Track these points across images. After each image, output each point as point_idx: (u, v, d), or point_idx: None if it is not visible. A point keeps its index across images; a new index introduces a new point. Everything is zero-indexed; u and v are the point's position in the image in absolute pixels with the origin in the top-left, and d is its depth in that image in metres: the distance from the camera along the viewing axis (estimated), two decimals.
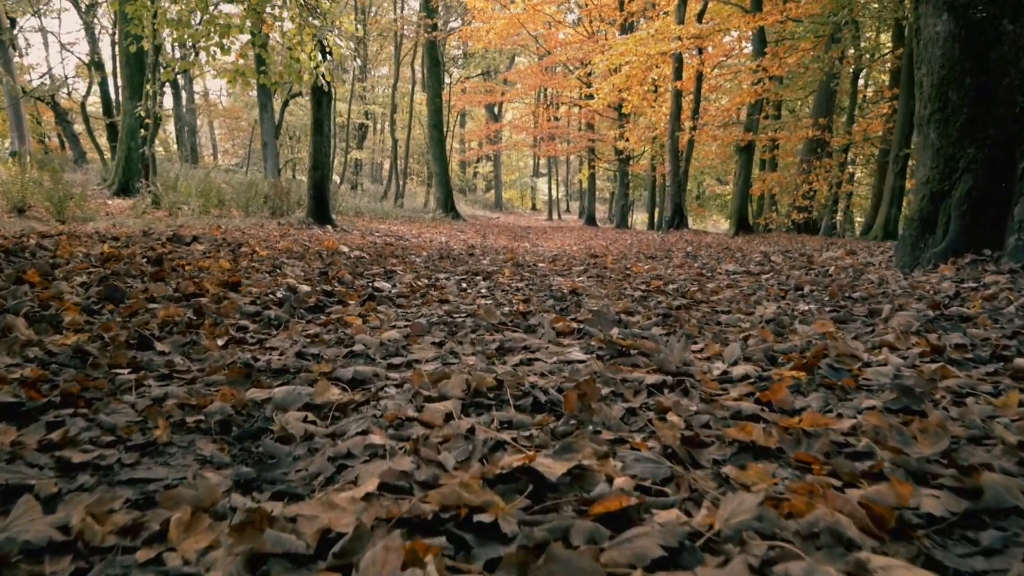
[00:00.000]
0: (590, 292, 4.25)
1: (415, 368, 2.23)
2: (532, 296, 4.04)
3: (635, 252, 10.62)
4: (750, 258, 6.86)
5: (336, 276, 4.46)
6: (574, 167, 43.65)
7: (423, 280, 4.65)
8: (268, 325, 2.92)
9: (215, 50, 9.12)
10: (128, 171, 16.70)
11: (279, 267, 4.82)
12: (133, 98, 16.54)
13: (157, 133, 15.64)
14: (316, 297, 3.53)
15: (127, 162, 16.85)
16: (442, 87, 24.31)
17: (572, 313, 3.36)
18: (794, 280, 4.83)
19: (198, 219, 12.02)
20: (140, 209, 13.31)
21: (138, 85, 16.25)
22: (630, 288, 4.60)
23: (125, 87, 17.67)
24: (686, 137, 16.08)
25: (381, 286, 4.18)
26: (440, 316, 3.26)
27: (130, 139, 16.99)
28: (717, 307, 3.75)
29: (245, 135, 38.47)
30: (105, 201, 15.42)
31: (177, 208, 14.03)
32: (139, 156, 16.32)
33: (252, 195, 14.76)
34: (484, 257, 8.27)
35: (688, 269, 6.10)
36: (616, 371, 2.13)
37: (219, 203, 14.92)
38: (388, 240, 9.60)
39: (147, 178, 15.41)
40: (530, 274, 5.53)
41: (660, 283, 4.86)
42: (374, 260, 6.15)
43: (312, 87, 11.19)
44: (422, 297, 3.92)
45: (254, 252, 5.77)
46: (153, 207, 13.88)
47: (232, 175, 20.93)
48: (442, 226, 17.07)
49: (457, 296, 4.00)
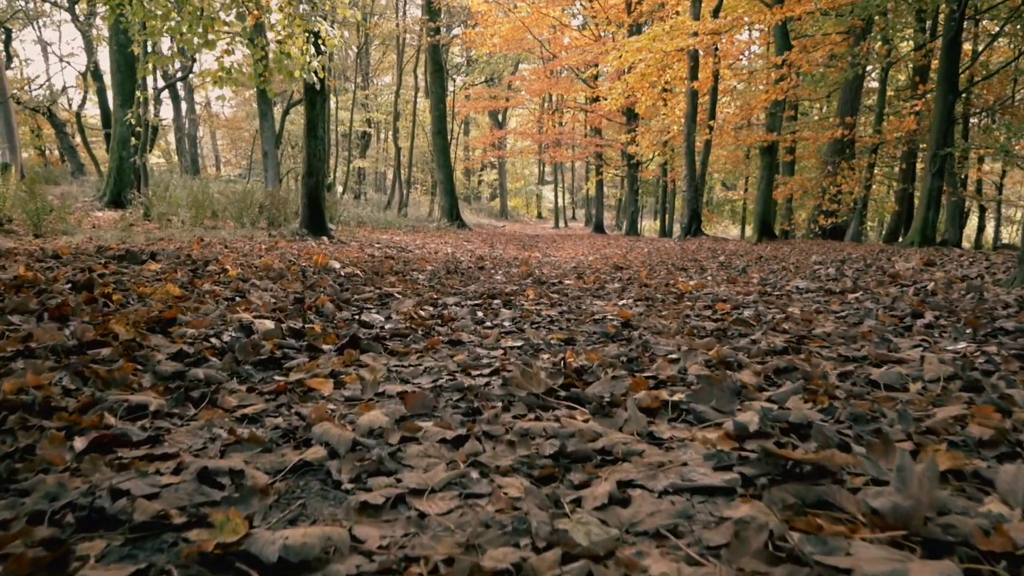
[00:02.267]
0: (648, 324, 3.15)
1: (408, 511, 1.15)
2: (575, 332, 2.94)
3: (659, 262, 9.53)
4: (814, 272, 5.74)
5: (314, 305, 3.37)
6: (580, 174, 42.65)
7: (427, 308, 3.55)
8: (183, 399, 1.83)
9: (198, 42, 8.09)
10: (120, 182, 15.75)
11: (244, 293, 3.73)
12: (124, 106, 15.60)
13: (149, 142, 14.61)
14: (274, 342, 2.44)
15: (119, 172, 15.90)
16: (445, 93, 23.29)
17: (644, 365, 2.26)
18: (902, 303, 3.71)
19: (188, 231, 10.99)
20: (128, 221, 12.31)
21: (130, 92, 15.31)
22: (694, 315, 3.50)
23: (116, 95, 16.72)
24: (703, 139, 14.99)
25: (371, 320, 3.08)
26: (451, 374, 2.17)
27: (121, 148, 16.04)
28: (834, 347, 2.65)
29: (247, 145, 37.49)
30: (94, 213, 14.47)
31: (167, 220, 13.02)
32: (131, 166, 15.36)
33: (247, 205, 13.72)
34: (496, 271, 7.19)
35: (746, 286, 5.00)
36: (794, 521, 1.04)
37: (213, 214, 13.90)
38: (389, 253, 8.53)
39: (140, 189, 14.45)
40: (558, 295, 4.43)
41: (727, 307, 3.76)
42: (369, 279, 5.06)
43: (305, 86, 10.15)
44: (425, 336, 2.82)
45: (223, 271, 4.70)
46: (145, 219, 12.91)
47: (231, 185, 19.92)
48: (447, 236, 15.99)
49: (473, 333, 2.91)
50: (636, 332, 2.97)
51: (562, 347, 2.63)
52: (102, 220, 13.02)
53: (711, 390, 1.74)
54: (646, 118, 22.56)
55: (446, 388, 1.99)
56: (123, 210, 14.31)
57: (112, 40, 15.45)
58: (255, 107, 29.66)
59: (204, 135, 42.11)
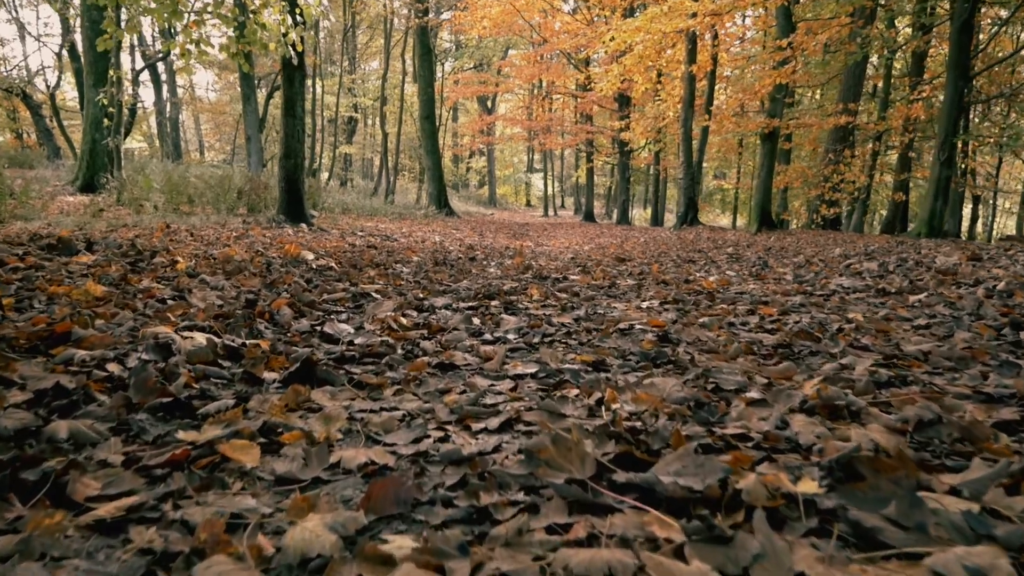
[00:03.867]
0: (690, 337, 2.45)
1: None
2: (602, 351, 2.23)
3: (660, 253, 8.84)
4: (849, 267, 5.05)
5: (268, 310, 2.64)
6: (569, 163, 41.88)
7: (410, 314, 2.83)
8: (7, 487, 1.11)
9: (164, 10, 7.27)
10: (93, 165, 14.85)
11: (186, 292, 2.99)
12: (97, 85, 14.68)
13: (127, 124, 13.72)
14: (189, 376, 1.72)
15: (92, 156, 14.99)
16: (434, 76, 22.38)
17: (718, 411, 1.56)
18: (987, 309, 3.03)
19: (159, 217, 10.16)
20: (98, 206, 11.46)
21: (103, 72, 14.40)
22: (739, 323, 2.81)
23: (88, 74, 15.80)
24: (700, 125, 14.27)
25: (337, 331, 2.35)
26: (442, 427, 1.45)
27: (94, 130, 15.13)
28: (946, 373, 1.98)
29: (232, 130, 36.29)
30: (64, 198, 13.59)
31: (139, 205, 12.17)
32: (104, 149, 14.45)
33: (224, 190, 12.87)
34: (489, 263, 6.47)
35: (779, 283, 4.31)
36: None
37: (189, 200, 13.06)
38: (371, 242, 7.77)
39: (113, 173, 13.58)
40: (567, 295, 3.72)
41: (773, 311, 3.07)
42: (344, 273, 4.33)
43: (283, 61, 9.31)
44: (407, 357, 2.10)
45: (173, 263, 3.95)
46: (118, 204, 12.09)
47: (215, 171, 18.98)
48: (435, 223, 15.22)
49: (469, 352, 2.19)
50: (679, 349, 2.27)
51: (593, 375, 1.92)
52: (72, 205, 12.18)
53: (876, 484, 1.03)
54: (639, 104, 21.80)
55: (434, 459, 1.27)
56: (96, 195, 13.48)
57: (84, 16, 14.51)
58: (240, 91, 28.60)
59: (188, 120, 40.82)
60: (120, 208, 11.96)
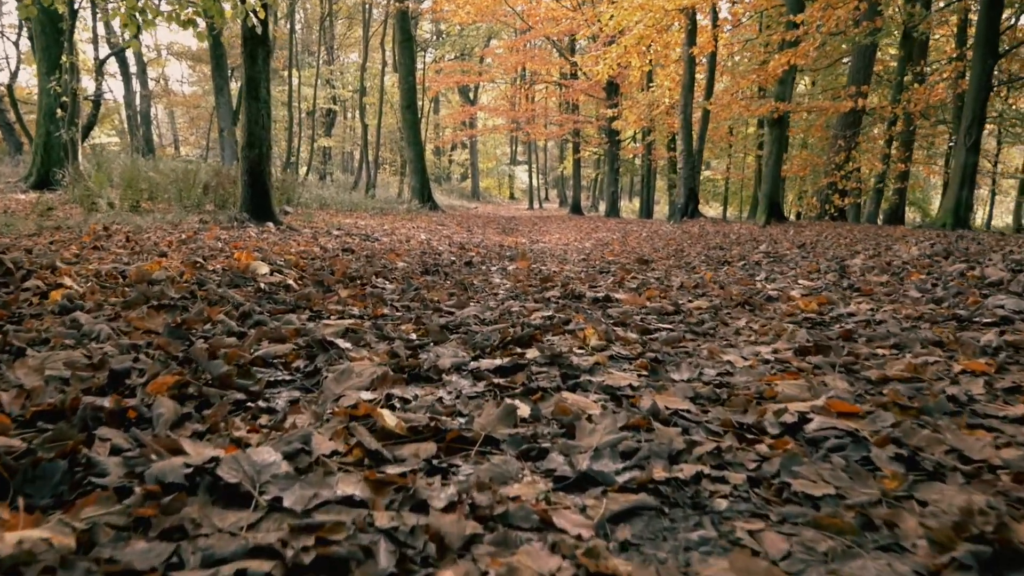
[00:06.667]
0: (938, 453, 1.23)
1: None
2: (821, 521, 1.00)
3: (676, 251, 7.65)
4: (971, 277, 3.85)
5: (136, 404, 1.37)
6: (552, 154, 40.59)
7: (399, 395, 1.57)
8: None
9: None
10: (48, 160, 13.34)
11: (19, 353, 1.70)
12: (50, 73, 13.16)
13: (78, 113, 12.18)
14: None
15: (46, 149, 13.48)
16: (415, 65, 20.90)
17: None
18: None
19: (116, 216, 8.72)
20: (46, 205, 9.98)
21: (56, 58, 12.84)
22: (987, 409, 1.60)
23: (41, 60, 14.25)
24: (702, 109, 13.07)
25: (250, 473, 1.10)
26: None
27: (48, 122, 13.60)
28: None
29: (207, 124, 34.45)
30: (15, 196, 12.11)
31: (92, 203, 10.70)
32: (59, 142, 12.93)
33: (189, 185, 11.46)
34: (490, 268, 5.22)
35: (903, 304, 3.10)
36: None
37: (149, 196, 11.63)
38: (348, 243, 6.46)
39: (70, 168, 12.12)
40: (630, 330, 2.47)
41: (984, 366, 1.87)
42: (303, 297, 3.05)
43: (244, 35, 7.94)
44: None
45: (53, 287, 2.65)
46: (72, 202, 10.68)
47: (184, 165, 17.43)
48: (419, 219, 13.89)
49: (537, 526, 0.95)
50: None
51: None
52: (20, 204, 10.71)
53: None
54: (626, 92, 20.53)
55: None
56: (51, 192, 12.05)
57: None
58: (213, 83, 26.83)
59: (161, 114, 38.83)
60: (73, 207, 10.54)
